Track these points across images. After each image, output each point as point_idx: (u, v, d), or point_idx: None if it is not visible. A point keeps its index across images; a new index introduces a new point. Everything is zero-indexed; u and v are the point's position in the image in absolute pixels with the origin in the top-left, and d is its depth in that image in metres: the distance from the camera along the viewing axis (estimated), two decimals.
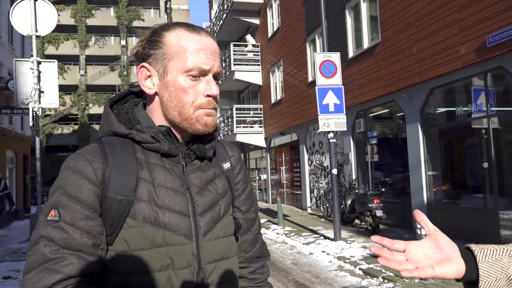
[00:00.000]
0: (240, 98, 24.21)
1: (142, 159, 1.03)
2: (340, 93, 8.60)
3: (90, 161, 0.98)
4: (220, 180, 1.13)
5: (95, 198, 0.96)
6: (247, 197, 1.24)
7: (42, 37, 28.18)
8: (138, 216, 0.97)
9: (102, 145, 1.02)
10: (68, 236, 0.92)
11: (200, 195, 1.06)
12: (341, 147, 12.63)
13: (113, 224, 0.97)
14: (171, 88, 1.03)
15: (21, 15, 6.09)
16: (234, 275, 1.11)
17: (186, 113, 1.03)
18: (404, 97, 9.35)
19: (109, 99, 1.12)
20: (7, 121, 16.40)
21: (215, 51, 1.06)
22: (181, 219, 1.00)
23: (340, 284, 5.93)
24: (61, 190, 0.95)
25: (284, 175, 17.96)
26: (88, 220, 0.94)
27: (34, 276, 0.88)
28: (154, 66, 1.05)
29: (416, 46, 8.91)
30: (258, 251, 1.27)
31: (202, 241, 1.02)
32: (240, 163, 1.24)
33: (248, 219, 1.23)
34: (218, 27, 23.06)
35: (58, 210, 0.93)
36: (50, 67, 6.34)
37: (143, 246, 0.96)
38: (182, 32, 1.04)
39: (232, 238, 1.13)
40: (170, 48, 1.03)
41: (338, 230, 8.52)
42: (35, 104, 5.97)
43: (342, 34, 12.20)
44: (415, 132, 9.16)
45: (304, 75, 14.91)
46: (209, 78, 1.04)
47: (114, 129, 1.05)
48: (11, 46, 17.07)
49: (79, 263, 0.91)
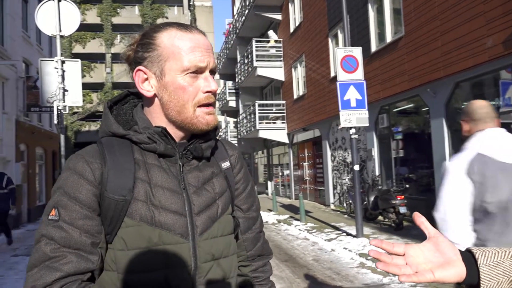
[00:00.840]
0: (262, 94, 24.19)
1: (140, 159, 1.05)
2: (362, 88, 8.48)
3: (88, 162, 1.00)
4: (218, 180, 1.13)
5: (93, 198, 0.98)
6: (248, 195, 1.24)
7: (70, 36, 28.76)
8: (135, 216, 0.99)
9: (101, 146, 1.05)
10: (67, 235, 0.94)
11: (197, 194, 1.06)
12: (364, 143, 12.47)
13: (111, 223, 0.99)
14: (170, 88, 1.04)
15: (46, 15, 6.26)
16: (232, 274, 1.11)
17: (186, 112, 1.04)
18: (429, 91, 9.14)
19: (108, 100, 1.14)
20: (36, 119, 16.90)
21: (209, 47, 1.07)
22: (177, 219, 1.01)
23: (362, 281, 5.88)
24: (61, 190, 0.98)
25: (307, 171, 17.88)
26: (86, 220, 0.97)
27: (35, 273, 0.91)
28: (150, 68, 1.06)
29: (441, 39, 8.69)
30: (260, 249, 1.27)
31: (198, 240, 1.03)
32: (240, 162, 1.24)
33: (248, 218, 1.24)
34: (240, 23, 23.08)
35: (58, 210, 0.96)
36: (74, 66, 6.50)
37: (139, 245, 0.98)
38: (174, 32, 1.05)
39: (231, 237, 1.13)
40: (164, 49, 1.04)
41: (360, 227, 8.43)
42: (60, 102, 6.13)
43: (364, 28, 12.01)
44: (440, 127, 8.95)
45: (326, 70, 14.77)
46: (207, 74, 1.06)
47: (112, 130, 1.07)
48: (39, 46, 17.56)
49: (78, 262, 0.93)
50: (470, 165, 2.06)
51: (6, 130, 13.33)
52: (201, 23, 38.51)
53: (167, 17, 34.74)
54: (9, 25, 13.80)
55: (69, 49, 32.36)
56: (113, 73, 34.91)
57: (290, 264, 7.08)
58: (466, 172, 2.06)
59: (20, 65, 14.83)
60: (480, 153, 2.08)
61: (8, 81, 13.56)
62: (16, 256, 8.71)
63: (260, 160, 26.23)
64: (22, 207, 14.75)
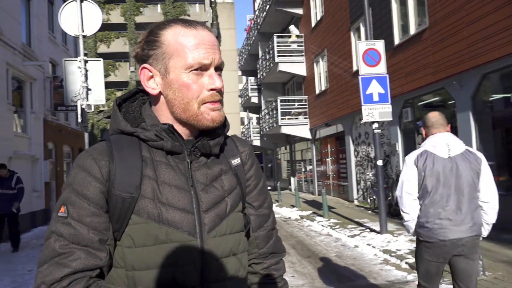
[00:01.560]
0: (284, 89, 24.10)
1: (147, 156, 1.05)
2: (385, 82, 8.32)
3: (96, 159, 1.01)
4: (227, 177, 1.12)
5: (101, 196, 0.99)
6: (260, 192, 1.22)
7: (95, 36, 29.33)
8: (142, 213, 0.99)
9: (109, 143, 1.05)
10: (75, 232, 0.95)
11: (205, 192, 1.06)
12: (388, 138, 12.27)
13: (119, 220, 0.99)
14: (174, 86, 1.03)
15: (69, 16, 6.39)
16: (241, 272, 1.10)
17: (191, 109, 1.04)
18: (454, 84, 8.90)
19: (117, 98, 1.14)
20: (63, 118, 17.32)
21: (214, 43, 1.05)
22: (185, 216, 1.01)
23: (385, 278, 5.79)
24: (70, 187, 0.99)
25: (330, 167, 17.73)
26: (94, 217, 0.97)
27: (45, 269, 0.93)
28: (155, 66, 1.06)
29: (467, 30, 8.44)
30: (272, 247, 1.25)
31: (206, 237, 1.02)
32: (251, 158, 1.22)
33: (260, 215, 1.22)
34: (261, 19, 23.02)
35: (67, 207, 0.97)
36: (97, 65, 6.62)
37: (146, 243, 0.98)
38: (178, 29, 1.04)
39: (241, 235, 1.12)
40: (168, 46, 1.03)
41: (384, 223, 8.31)
42: (83, 101, 6.25)
43: (387, 20, 11.79)
44: (467, 120, 8.71)
45: (348, 64, 14.58)
46: (211, 71, 1.04)
47: (120, 127, 1.07)
48: (65, 46, 17.96)
49: (86, 258, 0.94)
50: (417, 158, 2.97)
51: (35, 129, 13.71)
52: (222, 20, 38.62)
53: (189, 14, 34.95)
54: (36, 26, 14.16)
55: (94, 48, 33.01)
56: (137, 72, 35.42)
57: (312, 260, 7.04)
58: (414, 163, 2.97)
59: (47, 66, 15.21)
60: (425, 149, 2.97)
61: (36, 81, 13.93)
62: None
63: (283, 156, 26.17)
64: (51, 203, 15.16)
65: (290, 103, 20.22)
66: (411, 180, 2.96)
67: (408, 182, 2.97)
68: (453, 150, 2.91)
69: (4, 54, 11.32)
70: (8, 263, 7.88)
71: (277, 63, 19.25)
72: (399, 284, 5.44)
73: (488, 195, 2.93)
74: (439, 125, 2.98)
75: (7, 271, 7.14)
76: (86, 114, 6.49)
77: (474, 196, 2.91)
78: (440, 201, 2.87)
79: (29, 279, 6.49)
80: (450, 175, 2.86)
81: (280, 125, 19.15)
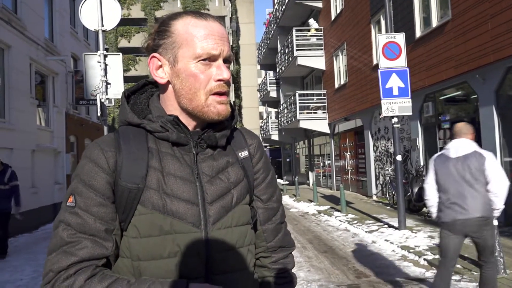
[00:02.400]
0: (303, 83, 23.95)
1: (154, 148, 1.05)
2: (405, 76, 8.18)
3: (103, 150, 1.02)
4: (233, 169, 1.12)
5: (108, 186, 1.00)
6: (268, 186, 1.21)
7: (115, 31, 29.58)
8: (148, 204, 1.00)
9: (117, 135, 1.06)
10: (82, 221, 0.97)
11: (210, 183, 1.06)
12: (408, 133, 12.07)
13: (125, 211, 1.00)
14: (182, 75, 1.04)
15: (89, 11, 6.48)
16: (246, 264, 1.10)
17: (197, 99, 1.04)
18: (477, 77, 8.68)
19: (126, 90, 1.15)
20: (84, 112, 17.63)
21: (223, 35, 1.06)
22: (189, 208, 1.01)
23: (403, 274, 5.72)
24: (78, 177, 1.01)
25: (349, 162, 17.58)
26: (100, 207, 0.98)
27: (53, 257, 0.95)
28: (164, 55, 1.06)
29: (491, 22, 8.20)
30: (280, 241, 1.24)
31: (211, 229, 1.03)
32: (260, 151, 1.21)
33: (268, 208, 1.21)
34: (280, 13, 22.88)
35: (75, 197, 0.99)
36: (116, 60, 6.70)
37: (151, 233, 0.99)
38: (189, 19, 1.05)
39: (247, 227, 1.11)
40: (178, 36, 1.04)
41: (402, 219, 8.20)
42: (103, 95, 6.34)
43: (408, 13, 11.56)
44: (490, 115, 8.49)
45: (368, 58, 14.39)
46: (220, 62, 1.05)
47: (128, 119, 1.08)
48: (87, 41, 18.23)
49: (93, 247, 0.95)
50: (436, 158, 3.97)
51: (57, 123, 14.00)
52: (242, 14, 38.56)
53: (208, 9, 35.00)
54: (58, 21, 14.41)
55: (115, 43, 33.41)
56: None
57: (329, 255, 7.01)
58: (433, 163, 3.97)
59: (69, 60, 15.48)
60: (442, 152, 3.95)
61: (58, 75, 14.19)
62: None
63: (301, 150, 26.07)
64: None
65: (309, 98, 20.09)
66: (431, 176, 3.95)
67: (429, 178, 3.97)
68: (460, 151, 3.76)
69: (27, 49, 11.56)
70: (30, 253, 8.10)
71: (296, 57, 19.13)
72: (417, 280, 5.37)
73: (492, 186, 3.65)
74: (461, 133, 3.84)
75: (29, 261, 7.34)
76: (106, 108, 6.59)
77: (477, 186, 3.65)
78: (450, 191, 3.73)
79: None
80: (457, 170, 3.71)
81: (299, 119, 19.06)
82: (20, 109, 11.00)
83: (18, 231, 10.49)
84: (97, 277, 0.92)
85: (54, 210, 13.36)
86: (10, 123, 10.49)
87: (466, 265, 5.68)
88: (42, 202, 12.38)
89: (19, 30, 11.03)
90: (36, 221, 11.74)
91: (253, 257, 1.15)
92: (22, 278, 6.20)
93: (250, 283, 1.11)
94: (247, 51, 38.05)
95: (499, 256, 5.17)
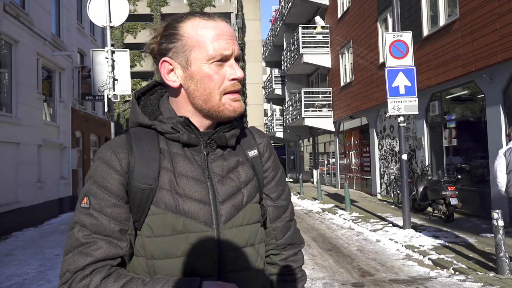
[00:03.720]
0: (309, 81, 23.91)
1: (165, 149, 1.07)
2: (412, 75, 8.15)
3: (116, 152, 1.04)
4: (244, 168, 1.13)
5: (121, 187, 1.02)
6: (277, 184, 1.23)
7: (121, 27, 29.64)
8: (160, 204, 1.01)
9: (129, 136, 1.08)
10: (97, 222, 0.99)
11: (221, 183, 1.07)
12: (414, 131, 12.04)
13: (138, 211, 1.02)
14: (196, 78, 1.05)
15: (97, 7, 6.51)
16: (258, 262, 1.11)
17: (213, 100, 1.05)
18: (485, 77, 8.63)
19: (136, 91, 1.16)
20: (90, 107, 17.70)
21: (232, 34, 1.07)
22: (201, 207, 1.03)
23: (407, 273, 5.72)
24: (92, 179, 1.03)
25: (353, 160, 17.56)
26: (114, 208, 1.00)
27: (70, 258, 0.97)
28: (175, 59, 1.07)
29: (499, 21, 8.15)
30: (290, 238, 1.25)
31: (222, 228, 1.04)
32: (269, 150, 1.23)
33: (278, 206, 1.22)
34: (287, 10, 22.83)
35: (89, 198, 1.01)
36: (123, 56, 6.72)
37: (164, 233, 1.01)
38: (197, 21, 1.06)
39: (258, 226, 1.13)
40: (189, 38, 1.05)
41: (407, 218, 8.19)
42: (110, 91, 6.37)
43: (416, 11, 11.50)
44: (497, 115, 8.45)
45: (375, 56, 14.34)
46: (232, 62, 1.06)
47: (139, 120, 1.10)
48: (93, 37, 18.28)
49: (108, 248, 0.97)
50: (506, 150, 5.49)
51: (63, 118, 14.07)
52: (248, 11, 38.47)
53: (214, 5, 34.98)
54: (65, 17, 14.46)
55: (121, 39, 33.47)
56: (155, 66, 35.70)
57: (333, 253, 7.02)
58: (504, 154, 5.50)
59: (75, 56, 15.54)
60: (510, 146, 5.52)
61: (64, 71, 14.26)
62: None
63: (306, 148, 26.05)
64: (78, 190, 15.58)
65: (314, 95, 20.05)
66: (502, 163, 5.46)
67: (500, 164, 5.48)
68: None
69: (34, 44, 11.61)
70: (36, 247, 8.17)
71: (302, 55, 19.09)
72: (421, 280, 5.37)
73: None
74: None
75: (35, 255, 7.40)
76: (113, 104, 6.62)
77: None
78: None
79: (57, 263, 6.71)
80: None
81: (304, 117, 19.04)
82: (27, 104, 11.07)
83: (24, 225, 10.58)
84: (112, 277, 0.94)
85: (59, 205, 13.45)
86: (17, 117, 10.55)
87: (471, 265, 5.67)
88: (48, 196, 12.47)
89: (26, 26, 11.08)
90: (42, 216, 11.84)
91: (264, 255, 1.17)
92: (29, 272, 6.26)
93: (261, 281, 1.12)
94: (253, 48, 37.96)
95: (504, 256, 5.16)
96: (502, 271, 5.16)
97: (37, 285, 5.58)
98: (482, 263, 5.73)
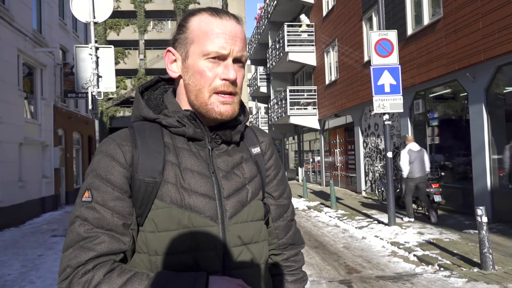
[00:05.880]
0: (294, 79, 23.97)
1: (169, 143, 1.06)
2: (397, 73, 8.22)
3: (120, 144, 1.02)
4: (248, 165, 1.12)
5: (125, 180, 1.00)
6: (279, 182, 1.22)
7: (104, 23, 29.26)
8: (165, 198, 0.99)
9: (132, 130, 1.06)
10: (100, 216, 0.96)
11: (226, 178, 1.06)
12: (398, 129, 12.16)
13: (142, 205, 1.00)
14: (190, 72, 1.06)
15: (80, 3, 6.37)
16: (262, 260, 1.10)
17: (202, 97, 1.05)
18: (468, 76, 8.77)
19: (139, 86, 1.16)
20: (73, 105, 17.41)
21: (236, 35, 1.05)
22: (207, 202, 1.01)
23: (393, 270, 5.78)
24: (94, 172, 1.00)
25: (338, 158, 17.68)
26: (118, 201, 0.98)
27: (70, 253, 0.94)
28: (178, 50, 1.08)
29: (482, 20, 8.28)
30: (291, 238, 1.25)
31: (227, 223, 1.03)
32: (271, 148, 1.23)
33: (280, 205, 1.22)
34: (272, 8, 22.82)
35: (91, 192, 0.98)
36: (107, 53, 6.60)
37: (169, 227, 0.99)
38: (205, 16, 1.06)
39: (261, 223, 1.12)
40: (192, 32, 1.06)
41: (392, 215, 8.28)
42: (94, 88, 6.25)
43: (400, 10, 11.62)
44: (479, 113, 8.59)
45: (359, 54, 14.44)
46: (228, 62, 1.04)
47: (143, 114, 1.09)
48: (76, 33, 17.97)
49: (110, 242, 0.95)
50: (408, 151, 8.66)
51: (45, 116, 13.80)
52: (232, 8, 38.33)
53: (199, 3, 34.76)
54: (46, 12, 14.17)
55: (104, 36, 32.99)
56: (146, 59, 35.40)
57: (320, 251, 7.04)
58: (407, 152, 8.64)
59: (58, 52, 15.25)
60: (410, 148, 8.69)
61: (46, 67, 13.98)
62: (55, 237, 9.08)
63: (291, 146, 26.14)
64: (60, 190, 15.32)
65: (299, 93, 20.11)
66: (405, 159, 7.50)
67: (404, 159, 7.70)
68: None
69: (15, 40, 11.35)
70: (18, 248, 8.00)
71: (287, 53, 19.12)
72: (407, 276, 5.43)
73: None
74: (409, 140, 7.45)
75: (17, 256, 7.24)
76: (97, 101, 6.50)
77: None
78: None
79: (39, 264, 6.57)
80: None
81: (289, 115, 19.09)
82: (8, 101, 10.81)
83: (5, 225, 10.35)
84: (116, 271, 0.92)
85: (41, 204, 13.20)
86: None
87: (456, 261, 5.76)
88: (30, 196, 12.22)
89: (6, 21, 10.82)
90: (24, 216, 11.60)
91: (267, 253, 1.15)
92: (10, 273, 6.11)
93: (264, 279, 1.11)
94: None
95: (488, 252, 5.25)
96: (486, 266, 5.25)
97: (19, 286, 5.45)
98: (466, 259, 5.82)
